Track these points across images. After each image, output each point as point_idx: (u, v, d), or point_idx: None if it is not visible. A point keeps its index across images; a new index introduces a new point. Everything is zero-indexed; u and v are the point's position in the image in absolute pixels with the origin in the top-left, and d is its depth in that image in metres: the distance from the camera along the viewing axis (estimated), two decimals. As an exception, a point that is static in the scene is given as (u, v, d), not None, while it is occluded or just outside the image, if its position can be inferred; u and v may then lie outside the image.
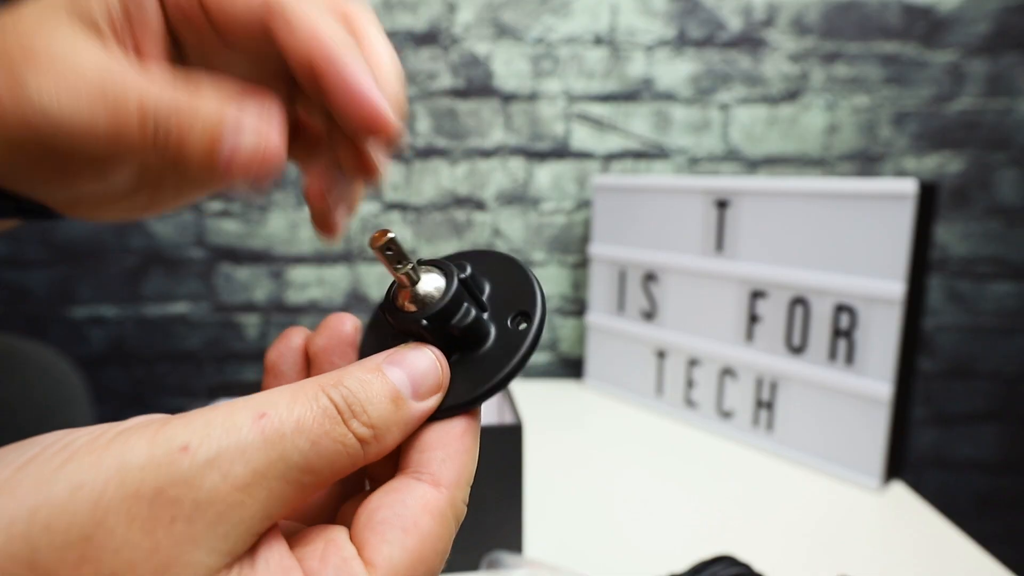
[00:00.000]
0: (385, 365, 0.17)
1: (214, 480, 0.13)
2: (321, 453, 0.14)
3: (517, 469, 0.41)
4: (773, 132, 0.79)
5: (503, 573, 0.39)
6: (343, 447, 0.15)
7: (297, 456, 0.14)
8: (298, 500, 0.14)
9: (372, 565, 0.15)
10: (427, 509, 0.16)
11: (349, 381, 0.16)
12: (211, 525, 0.13)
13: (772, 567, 0.43)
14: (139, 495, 0.12)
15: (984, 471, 0.84)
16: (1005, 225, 0.79)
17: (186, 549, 0.12)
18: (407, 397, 0.16)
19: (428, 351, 0.17)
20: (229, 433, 0.13)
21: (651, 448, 0.61)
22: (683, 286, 0.66)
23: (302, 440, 0.14)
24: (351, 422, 0.15)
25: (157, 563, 0.12)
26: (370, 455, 0.16)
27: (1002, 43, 0.76)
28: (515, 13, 0.77)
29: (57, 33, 0.17)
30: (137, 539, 0.12)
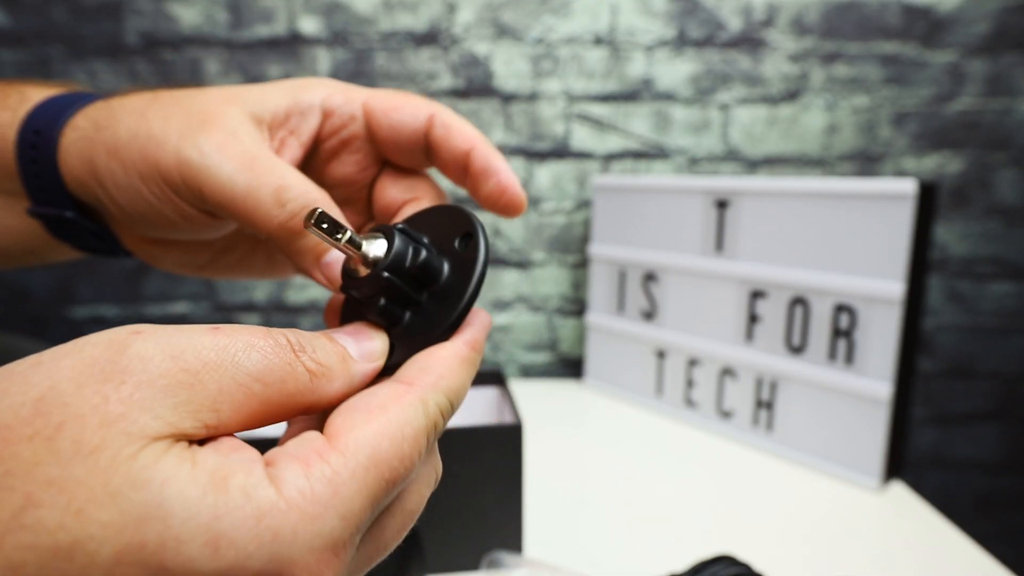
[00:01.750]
0: (337, 333, 0.19)
1: (163, 359, 0.14)
2: (271, 369, 0.15)
3: (517, 469, 0.41)
4: (773, 132, 0.79)
5: (503, 573, 0.39)
6: (292, 370, 0.16)
7: (248, 364, 0.15)
8: (247, 411, 0.15)
9: (335, 439, 0.15)
10: (396, 397, 0.17)
11: (299, 331, 0.17)
12: (159, 394, 0.13)
13: (772, 567, 0.43)
14: (92, 362, 0.13)
15: (984, 471, 0.84)
16: (1005, 225, 0.79)
17: (132, 408, 0.13)
18: (353, 354, 0.18)
19: (369, 325, 0.20)
20: (181, 331, 0.14)
21: (651, 448, 0.61)
22: (683, 286, 0.66)
23: (254, 353, 0.15)
24: (300, 354, 0.16)
25: (104, 415, 0.12)
26: (319, 391, 0.16)
27: (1002, 43, 0.76)
28: (515, 13, 0.77)
29: (233, 114, 0.23)
30: (86, 395, 0.13)
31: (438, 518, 0.41)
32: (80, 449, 0.12)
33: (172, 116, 0.23)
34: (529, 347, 0.84)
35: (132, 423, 0.13)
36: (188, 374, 0.14)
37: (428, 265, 0.20)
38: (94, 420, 0.12)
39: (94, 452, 0.12)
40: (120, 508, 0.12)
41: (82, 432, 0.12)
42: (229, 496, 0.13)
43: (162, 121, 0.23)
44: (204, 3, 0.75)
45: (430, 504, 0.44)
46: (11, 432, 0.12)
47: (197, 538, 0.12)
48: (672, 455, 0.60)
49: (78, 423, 0.12)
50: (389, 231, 0.20)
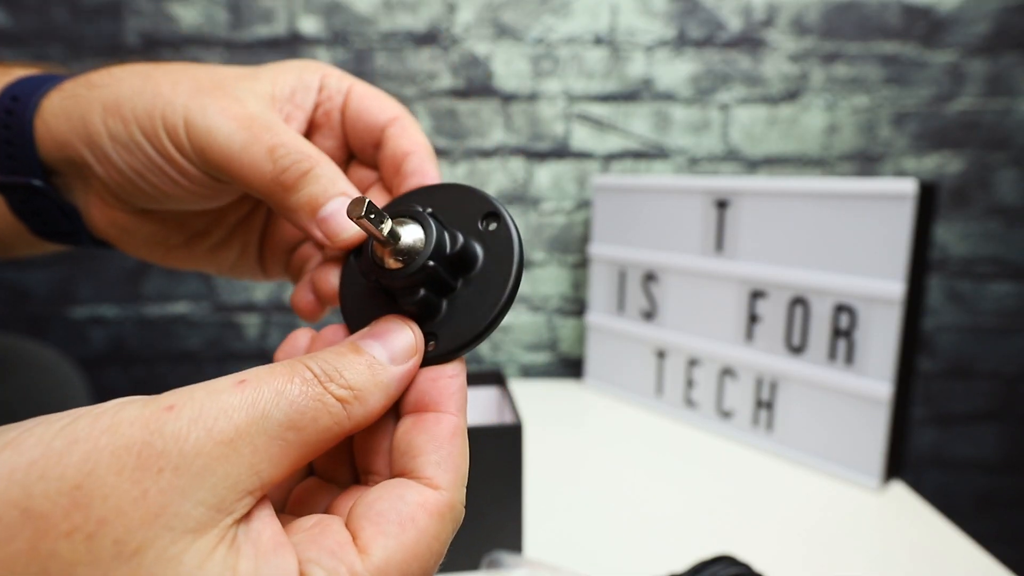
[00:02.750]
0: (360, 340, 0.18)
1: (198, 434, 0.13)
2: (302, 411, 0.15)
3: (517, 469, 0.41)
4: (773, 132, 0.79)
5: (503, 573, 0.39)
6: (323, 405, 0.16)
7: (278, 414, 0.15)
8: (287, 461, 0.15)
9: (366, 554, 0.15)
10: (426, 507, 0.16)
11: (324, 354, 0.17)
12: (197, 477, 0.13)
13: (772, 567, 0.43)
14: (128, 447, 0.13)
15: (984, 471, 0.84)
16: (1005, 225, 0.79)
17: (173, 498, 0.13)
18: (384, 361, 0.17)
19: (397, 320, 0.19)
20: (211, 396, 0.14)
21: (651, 448, 0.61)
22: (683, 286, 0.66)
23: (282, 401, 0.15)
24: (328, 385, 0.16)
25: (145, 511, 0.12)
26: (355, 416, 0.16)
27: (1002, 43, 0.76)
28: (515, 13, 0.77)
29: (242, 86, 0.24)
30: (126, 487, 0.12)
31: (438, 518, 0.41)
32: (122, 551, 0.12)
33: (181, 81, 0.23)
34: (529, 347, 0.84)
35: (174, 516, 0.12)
36: (223, 446, 0.14)
37: (467, 251, 0.19)
38: (135, 516, 0.12)
39: (137, 553, 0.12)
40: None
41: (124, 532, 0.12)
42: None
43: (171, 84, 0.23)
44: (204, 3, 0.75)
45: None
46: (48, 524, 0.12)
47: None
48: (672, 455, 0.60)
49: (120, 520, 0.12)
50: (420, 216, 0.19)
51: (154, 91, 0.23)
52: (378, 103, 0.26)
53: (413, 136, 0.25)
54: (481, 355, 0.84)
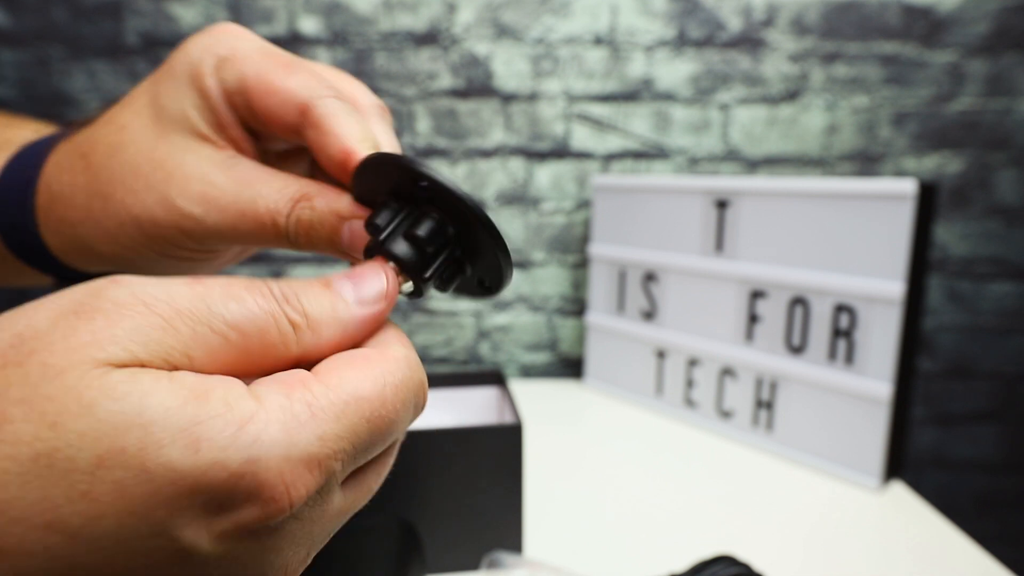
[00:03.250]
0: (335, 278, 0.18)
1: (136, 304, 0.14)
2: (250, 318, 0.15)
3: (517, 469, 0.41)
4: (773, 132, 0.79)
5: (503, 573, 0.39)
6: (273, 321, 0.15)
7: (224, 311, 0.14)
8: (224, 357, 0.15)
9: (319, 374, 0.15)
10: (382, 353, 0.17)
11: (290, 281, 0.16)
12: (129, 330, 0.13)
13: (772, 566, 0.43)
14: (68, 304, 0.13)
15: (984, 471, 0.84)
16: (1005, 225, 0.79)
17: (101, 339, 0.13)
18: (348, 300, 0.17)
19: (376, 265, 0.18)
20: (160, 282, 0.14)
21: (651, 448, 0.61)
22: (683, 286, 0.66)
23: (232, 302, 0.15)
24: (284, 305, 0.16)
25: (71, 342, 0.13)
26: (304, 343, 0.16)
27: (1002, 43, 0.76)
28: (515, 13, 0.77)
29: (178, 152, 0.22)
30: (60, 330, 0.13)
31: (438, 518, 0.41)
32: (47, 372, 0.12)
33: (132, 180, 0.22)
34: (529, 347, 0.84)
35: (99, 350, 0.13)
36: (161, 319, 0.14)
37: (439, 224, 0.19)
38: (61, 346, 0.13)
39: (62, 373, 0.12)
40: (97, 418, 0.12)
41: (50, 356, 0.12)
42: (210, 405, 0.13)
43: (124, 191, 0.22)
44: (204, 3, 0.75)
45: (430, 504, 0.44)
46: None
47: (177, 441, 0.12)
48: (672, 455, 0.60)
49: (46, 349, 0.13)
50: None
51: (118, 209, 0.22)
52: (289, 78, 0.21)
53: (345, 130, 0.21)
54: (481, 355, 0.84)
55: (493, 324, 0.83)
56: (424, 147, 0.79)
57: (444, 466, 0.40)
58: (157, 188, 0.21)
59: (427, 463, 0.40)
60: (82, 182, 0.23)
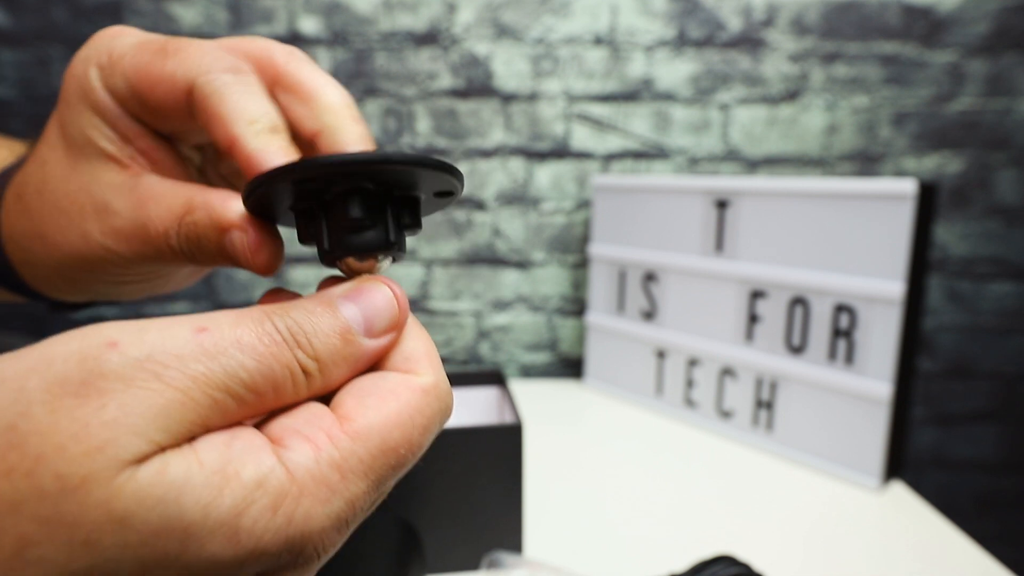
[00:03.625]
0: (340, 300, 0.16)
1: (147, 379, 0.12)
2: (265, 374, 0.14)
3: (517, 469, 0.41)
4: (773, 132, 0.79)
5: (503, 573, 0.39)
6: (286, 371, 0.15)
7: (240, 372, 0.14)
8: (238, 416, 0.14)
9: (347, 420, 0.15)
10: (408, 384, 0.16)
11: (296, 312, 0.15)
12: (147, 418, 0.12)
13: (772, 566, 0.43)
14: (63, 383, 0.12)
15: (983, 471, 0.84)
16: (1005, 225, 0.79)
17: (120, 433, 0.12)
18: (358, 334, 0.16)
19: (386, 288, 0.17)
20: (165, 339, 0.13)
21: (651, 448, 0.61)
22: (683, 286, 0.66)
23: (245, 358, 0.14)
24: (296, 351, 0.15)
25: (88, 445, 0.11)
26: (314, 388, 0.15)
27: (1002, 43, 0.76)
28: (515, 13, 0.77)
29: (88, 181, 0.21)
30: (64, 424, 0.11)
31: (438, 518, 0.41)
32: (66, 485, 0.11)
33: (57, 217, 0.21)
34: (529, 347, 0.84)
35: (121, 449, 0.12)
36: (178, 392, 0.13)
37: None
38: (76, 451, 0.11)
39: (84, 485, 0.11)
40: (135, 530, 0.12)
41: (64, 465, 0.11)
42: (245, 491, 0.13)
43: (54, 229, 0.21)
44: (204, 3, 0.75)
45: (430, 504, 0.44)
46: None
47: (218, 536, 0.12)
48: (672, 455, 0.60)
49: (59, 455, 0.11)
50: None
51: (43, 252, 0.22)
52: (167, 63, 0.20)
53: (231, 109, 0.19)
54: (481, 355, 0.84)
55: (493, 324, 0.83)
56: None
57: (444, 466, 0.40)
58: (76, 224, 0.21)
59: (427, 463, 0.40)
60: (22, 225, 0.23)
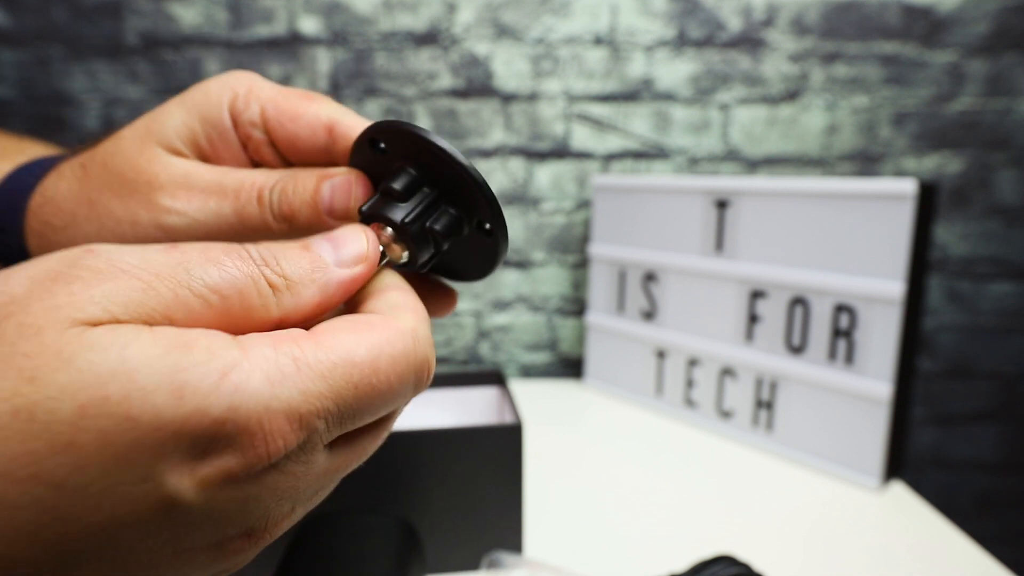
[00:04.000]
0: (314, 239, 0.18)
1: (114, 272, 0.14)
2: (229, 280, 0.15)
3: (517, 469, 0.41)
4: (773, 132, 0.79)
5: (503, 573, 0.39)
6: (252, 282, 0.15)
7: (204, 274, 0.14)
8: (203, 320, 0.14)
9: (314, 333, 0.15)
10: (387, 322, 0.16)
11: (268, 244, 0.16)
12: (109, 294, 0.13)
13: (772, 566, 0.43)
14: (45, 272, 0.14)
15: (984, 471, 0.84)
16: (1005, 225, 0.79)
17: (80, 299, 0.13)
18: (328, 262, 0.17)
19: (359, 229, 0.18)
20: (138, 251, 0.14)
21: (651, 448, 0.61)
22: (683, 286, 0.66)
23: (210, 266, 0.15)
24: (263, 267, 0.16)
25: (50, 303, 0.13)
26: (284, 305, 0.16)
27: (1002, 43, 0.76)
28: (515, 13, 0.77)
29: (159, 160, 0.22)
30: (37, 293, 0.13)
31: (438, 518, 0.41)
32: (24, 331, 0.12)
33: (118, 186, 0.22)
34: (529, 347, 0.84)
35: (78, 310, 0.13)
36: (140, 282, 0.14)
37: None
38: (38, 307, 0.13)
39: (39, 332, 0.12)
40: (78, 368, 0.12)
41: (26, 317, 0.12)
42: (194, 354, 0.13)
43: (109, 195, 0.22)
44: (204, 3, 0.75)
45: (430, 504, 0.44)
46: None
47: (162, 387, 0.12)
48: (672, 455, 0.60)
49: (23, 311, 0.13)
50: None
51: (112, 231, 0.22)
52: (305, 122, 0.23)
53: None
54: (481, 355, 0.84)
55: (493, 324, 0.83)
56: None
57: (444, 466, 0.40)
58: (140, 191, 0.22)
59: (427, 463, 0.40)
60: (75, 188, 0.24)
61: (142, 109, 0.77)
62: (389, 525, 0.35)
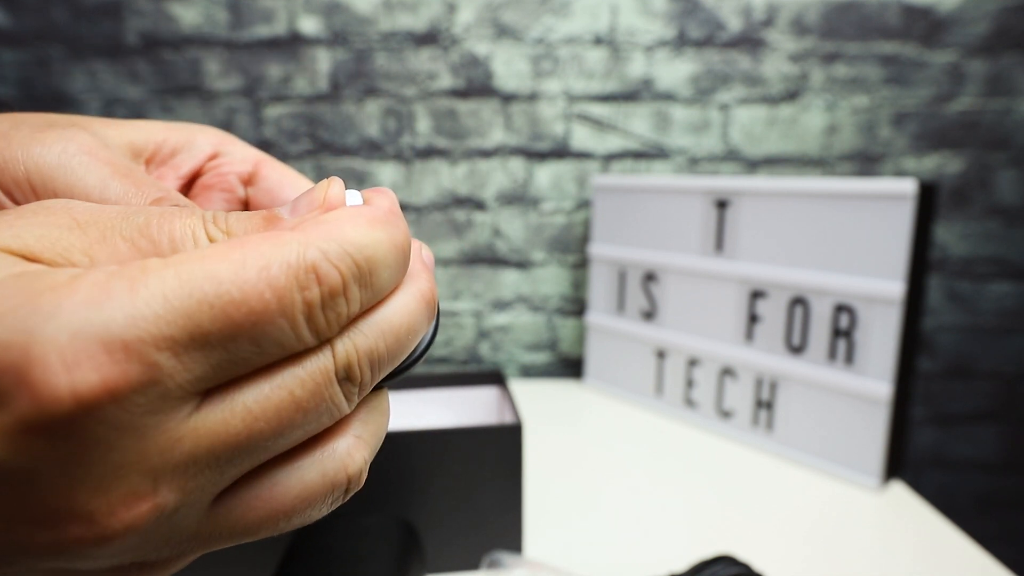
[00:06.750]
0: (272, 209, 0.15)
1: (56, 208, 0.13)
2: (163, 226, 0.13)
3: (517, 469, 0.41)
4: (773, 132, 0.79)
5: (503, 573, 0.39)
6: (190, 231, 0.13)
7: (138, 218, 0.13)
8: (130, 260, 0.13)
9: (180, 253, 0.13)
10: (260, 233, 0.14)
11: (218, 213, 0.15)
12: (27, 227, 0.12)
13: (771, 566, 0.43)
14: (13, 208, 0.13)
15: (983, 471, 0.84)
16: (1004, 225, 0.79)
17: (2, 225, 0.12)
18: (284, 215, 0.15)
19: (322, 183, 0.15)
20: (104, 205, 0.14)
21: (651, 448, 0.61)
22: (683, 286, 0.66)
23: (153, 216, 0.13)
24: (208, 224, 0.14)
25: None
26: None
27: (1001, 43, 0.76)
28: (515, 13, 0.77)
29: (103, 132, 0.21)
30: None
31: (438, 518, 0.41)
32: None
33: (23, 122, 0.19)
34: (529, 347, 0.84)
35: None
36: (73, 221, 0.13)
37: None
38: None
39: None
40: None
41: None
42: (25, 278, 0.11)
43: (10, 126, 0.18)
44: (204, 3, 0.75)
45: (430, 504, 0.44)
46: None
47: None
48: (672, 455, 0.60)
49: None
50: None
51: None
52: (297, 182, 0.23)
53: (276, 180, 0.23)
54: (481, 355, 0.84)
55: (493, 324, 0.83)
56: (424, 147, 0.79)
57: (444, 466, 0.40)
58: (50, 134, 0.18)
59: (427, 463, 0.40)
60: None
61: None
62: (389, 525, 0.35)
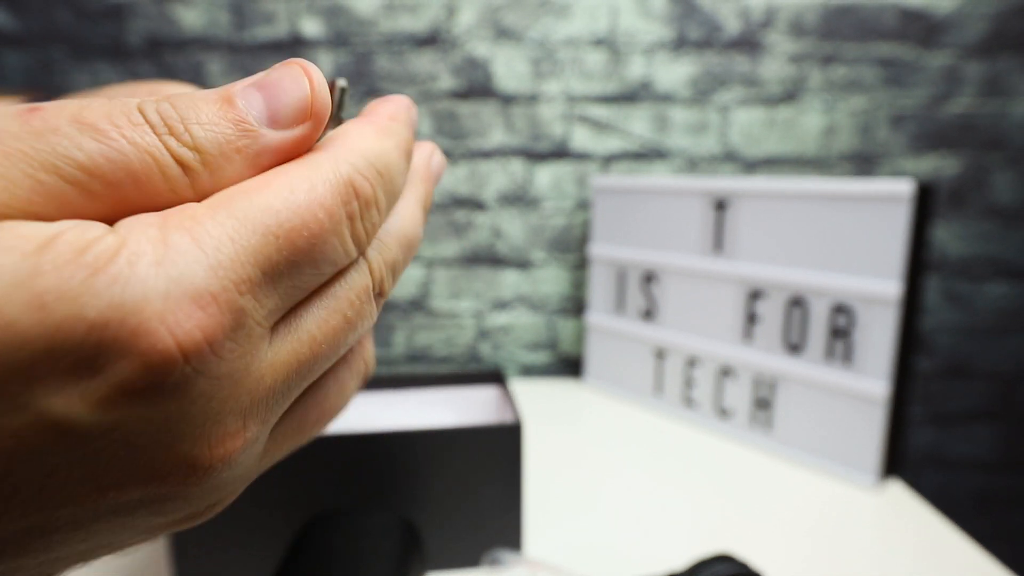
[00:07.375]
0: (239, 89, 0.13)
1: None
2: (115, 158, 0.11)
3: (517, 469, 0.41)
4: (771, 133, 0.79)
5: (503, 571, 0.39)
6: (154, 163, 0.11)
7: (75, 151, 0.11)
8: (84, 212, 0.11)
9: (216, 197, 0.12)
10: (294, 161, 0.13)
11: (177, 100, 0.12)
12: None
13: (770, 565, 0.43)
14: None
15: (981, 470, 0.84)
16: (1002, 226, 0.80)
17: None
18: (259, 122, 0.13)
19: (299, 68, 0.13)
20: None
21: (650, 447, 0.61)
22: (682, 286, 0.67)
23: (84, 137, 0.11)
24: (167, 138, 0.12)
25: None
26: (201, 187, 0.12)
27: (999, 45, 0.76)
28: (515, 15, 0.77)
29: None
30: None
31: (438, 517, 0.41)
32: None
33: None
34: (529, 347, 0.85)
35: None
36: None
37: None
38: None
39: None
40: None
41: None
42: (56, 252, 0.10)
43: None
44: (206, 5, 0.76)
45: (430, 503, 0.44)
46: None
47: (15, 299, 0.10)
48: (671, 454, 0.60)
49: None
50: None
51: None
52: None
53: None
54: (481, 355, 0.84)
55: (493, 324, 0.84)
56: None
57: (444, 465, 0.40)
58: None
59: (427, 462, 0.40)
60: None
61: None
62: (390, 524, 0.35)
